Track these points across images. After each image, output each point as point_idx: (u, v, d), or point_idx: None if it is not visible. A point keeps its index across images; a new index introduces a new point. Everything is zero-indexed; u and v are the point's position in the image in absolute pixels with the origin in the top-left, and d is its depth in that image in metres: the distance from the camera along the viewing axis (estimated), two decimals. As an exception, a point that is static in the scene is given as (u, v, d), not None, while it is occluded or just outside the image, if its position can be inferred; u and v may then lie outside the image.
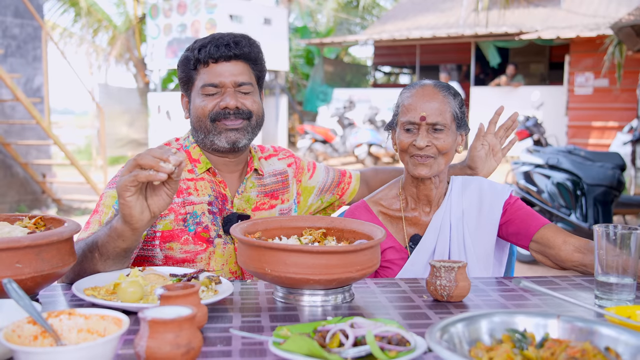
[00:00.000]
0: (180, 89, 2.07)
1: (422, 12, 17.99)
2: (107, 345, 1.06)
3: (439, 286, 1.53)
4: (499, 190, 2.04)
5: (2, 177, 9.79)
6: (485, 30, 14.48)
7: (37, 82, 10.22)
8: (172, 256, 1.91)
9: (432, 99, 1.93)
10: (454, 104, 1.96)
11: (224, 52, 1.93)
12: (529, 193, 6.86)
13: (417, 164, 1.94)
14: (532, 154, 7.19)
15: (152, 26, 15.75)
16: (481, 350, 1.07)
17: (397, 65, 20.81)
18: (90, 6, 16.96)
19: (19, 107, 9.67)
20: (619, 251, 1.52)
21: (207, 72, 1.94)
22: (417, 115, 1.92)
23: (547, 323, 1.09)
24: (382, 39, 16.28)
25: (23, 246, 1.31)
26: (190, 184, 1.97)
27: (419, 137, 1.91)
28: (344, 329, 1.18)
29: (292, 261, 1.42)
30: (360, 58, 24.75)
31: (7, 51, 9.76)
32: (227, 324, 1.36)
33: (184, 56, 2.01)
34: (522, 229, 1.96)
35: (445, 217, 2.00)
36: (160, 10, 15.56)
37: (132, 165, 1.45)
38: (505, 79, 14.75)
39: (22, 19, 9.96)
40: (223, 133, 1.95)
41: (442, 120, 1.91)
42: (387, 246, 2.01)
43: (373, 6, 22.48)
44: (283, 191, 2.16)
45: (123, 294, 1.39)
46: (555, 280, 1.77)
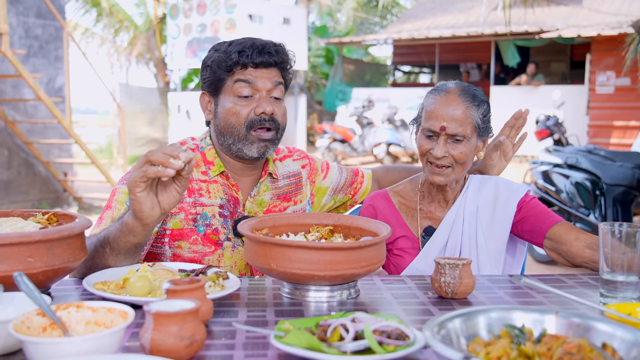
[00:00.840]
0: (202, 88, 2.04)
1: (441, 11, 17.93)
2: (112, 336, 1.09)
3: (443, 283, 1.54)
4: (515, 188, 2.07)
5: (25, 175, 9.93)
6: (506, 29, 14.40)
7: (59, 82, 10.35)
8: (181, 255, 1.93)
9: (455, 107, 1.92)
10: (477, 115, 1.95)
11: (266, 58, 1.94)
12: (547, 193, 6.82)
13: (433, 172, 1.98)
14: (551, 154, 7.15)
15: (172, 26, 15.87)
16: (479, 345, 1.09)
17: (416, 65, 20.75)
18: (111, 6, 17.13)
19: (41, 106, 9.80)
20: (624, 249, 1.52)
21: (244, 76, 1.94)
22: (437, 124, 1.93)
23: (545, 319, 1.10)
24: (402, 38, 16.25)
25: (35, 241, 1.35)
26: (203, 185, 1.98)
27: (437, 147, 1.93)
28: (344, 324, 1.20)
29: (297, 257, 1.45)
30: (380, 57, 24.71)
31: (29, 51, 9.90)
32: (233, 318, 1.38)
33: (216, 57, 1.97)
34: (536, 226, 1.98)
35: (459, 213, 2.03)
36: (180, 11, 15.67)
37: (142, 161, 1.48)
38: (526, 78, 14.65)
39: (44, 19, 10.10)
40: (255, 143, 1.95)
41: (462, 132, 1.92)
42: (400, 235, 2.06)
43: (393, 5, 22.44)
44: (296, 193, 2.17)
45: (132, 288, 1.42)
46: (562, 278, 1.77)
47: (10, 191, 9.73)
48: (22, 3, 9.80)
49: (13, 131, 9.57)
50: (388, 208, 2.10)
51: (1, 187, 9.63)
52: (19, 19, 9.78)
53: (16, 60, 8.50)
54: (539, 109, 12.94)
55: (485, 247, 1.99)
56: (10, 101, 9.48)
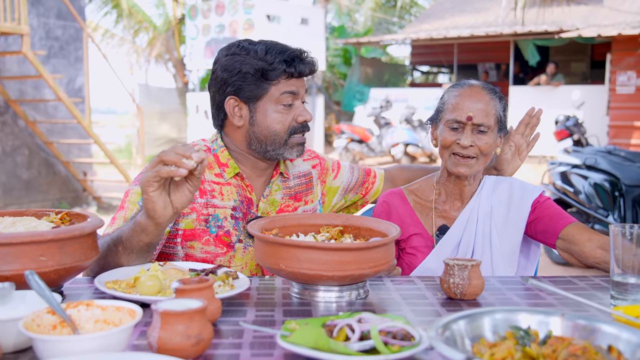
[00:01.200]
0: (229, 93, 1.96)
1: (460, 11, 17.86)
2: (120, 334, 1.10)
3: (452, 284, 1.55)
4: (529, 189, 2.07)
5: (45, 175, 10.05)
6: (525, 28, 14.32)
7: (79, 83, 10.46)
8: (193, 255, 1.95)
9: (479, 99, 1.98)
10: (499, 107, 2.01)
11: (310, 69, 1.98)
12: (565, 194, 6.77)
13: (457, 162, 2.00)
14: (570, 154, 7.09)
15: (191, 27, 15.97)
16: (484, 347, 1.09)
17: (434, 65, 20.69)
18: (131, 8, 17.27)
19: (61, 106, 9.91)
20: (635, 251, 1.51)
21: (288, 86, 1.95)
22: (463, 114, 1.97)
23: (550, 320, 1.10)
24: (419, 38, 16.21)
25: (47, 240, 1.37)
26: (216, 187, 1.99)
27: (464, 137, 1.97)
28: (350, 324, 1.20)
29: (305, 257, 1.45)
30: (398, 57, 24.66)
31: (50, 52, 10.02)
32: (241, 318, 1.40)
33: (254, 64, 1.92)
34: (549, 226, 1.98)
35: (473, 212, 2.04)
36: (199, 11, 15.76)
37: (155, 161, 1.50)
38: (545, 78, 14.54)
39: (64, 20, 10.21)
40: (295, 147, 2.00)
41: (487, 121, 1.97)
42: (413, 232, 2.07)
43: (411, 5, 22.38)
44: (307, 192, 2.18)
45: (142, 287, 1.44)
46: (573, 280, 1.76)
47: (30, 190, 9.84)
48: (43, 4, 9.92)
49: (34, 131, 9.68)
50: (403, 206, 2.11)
51: (22, 186, 9.75)
52: (40, 20, 9.90)
53: (37, 61, 8.60)
54: (558, 110, 12.85)
55: (499, 247, 1.99)
56: (31, 101, 9.60)
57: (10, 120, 9.51)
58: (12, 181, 9.60)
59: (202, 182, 1.97)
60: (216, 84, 2.00)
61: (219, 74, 1.98)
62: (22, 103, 9.52)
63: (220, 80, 1.98)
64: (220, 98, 1.99)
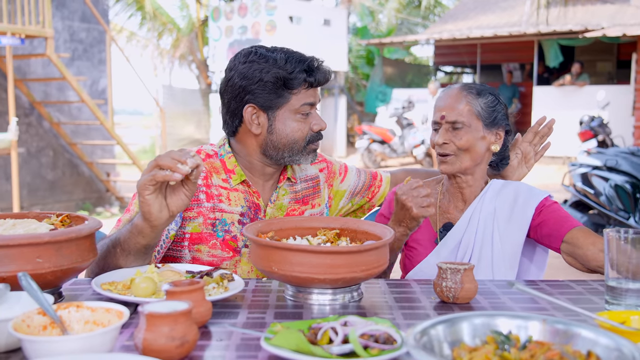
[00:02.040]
0: (249, 101, 1.95)
1: (484, 11, 17.75)
2: (104, 336, 1.13)
3: (444, 288, 1.55)
4: (535, 192, 2.07)
5: (69, 175, 10.20)
6: (549, 28, 14.18)
7: (102, 84, 10.60)
8: (200, 258, 1.96)
9: (451, 98, 2.04)
10: (477, 102, 2.02)
11: (327, 78, 2.01)
12: (586, 196, 6.69)
13: (440, 161, 2.05)
14: (590, 156, 7.02)
15: (214, 28, 16.09)
16: (464, 351, 1.09)
17: (458, 65, 20.57)
18: (155, 10, 17.44)
19: (85, 108, 10.06)
20: (629, 255, 1.50)
21: (307, 94, 1.96)
22: (438, 115, 2.04)
23: (529, 325, 1.10)
24: (442, 38, 16.13)
25: (43, 242, 1.40)
26: (223, 192, 2.00)
27: (438, 135, 2.03)
28: (334, 327, 1.21)
29: (297, 260, 1.47)
30: (422, 58, 24.56)
31: (74, 54, 10.16)
32: (233, 320, 1.41)
33: (273, 74, 1.91)
34: (554, 230, 1.97)
35: (475, 213, 2.04)
36: (222, 13, 15.87)
37: (152, 165, 1.53)
38: (570, 78, 14.38)
39: (88, 23, 10.35)
40: (311, 153, 2.02)
41: (461, 118, 1.99)
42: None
43: (435, 5, 22.29)
44: (314, 196, 2.18)
45: (136, 289, 1.47)
46: (570, 284, 1.75)
47: (55, 191, 10.00)
48: (67, 7, 10.07)
49: (58, 132, 9.84)
50: None
51: (47, 186, 9.91)
52: (65, 23, 10.05)
53: (60, 63, 8.73)
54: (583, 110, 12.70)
55: (500, 249, 1.99)
56: (56, 103, 9.75)
57: (35, 122, 9.67)
58: (37, 181, 9.76)
59: (209, 186, 1.99)
60: (233, 90, 1.97)
61: (236, 81, 1.95)
62: (47, 105, 9.68)
63: (237, 87, 1.95)
64: (237, 105, 1.97)
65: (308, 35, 15.74)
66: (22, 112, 9.39)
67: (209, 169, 2.01)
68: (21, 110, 9.37)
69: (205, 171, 2.00)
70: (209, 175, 2.00)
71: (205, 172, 2.00)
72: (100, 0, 10.49)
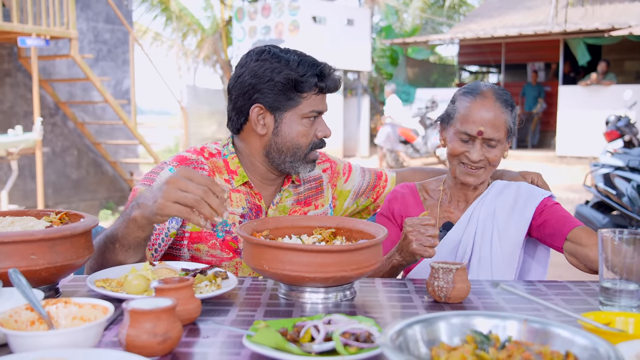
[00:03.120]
0: (257, 100, 1.92)
1: (509, 10, 17.60)
2: (88, 331, 1.15)
3: (436, 287, 1.55)
4: (536, 192, 2.06)
5: (93, 174, 10.34)
6: (575, 27, 14.01)
7: (126, 85, 10.72)
8: (199, 257, 1.96)
9: (490, 112, 1.94)
10: (510, 118, 1.98)
11: (336, 86, 1.99)
12: (608, 197, 6.60)
13: (466, 173, 2.01)
14: (613, 156, 6.92)
15: (238, 29, 16.17)
16: (443, 350, 1.09)
17: (482, 65, 20.42)
18: (180, 11, 17.60)
19: (108, 108, 10.18)
20: (624, 256, 1.49)
21: (316, 100, 1.94)
22: (474, 128, 1.94)
23: (507, 325, 1.10)
24: (466, 37, 16.02)
25: (37, 239, 1.43)
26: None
27: (474, 151, 1.96)
28: (317, 325, 1.22)
29: (288, 259, 1.48)
30: (447, 57, 24.43)
31: (98, 55, 10.30)
32: (223, 317, 1.43)
33: (285, 75, 1.89)
34: (556, 229, 1.97)
35: (474, 213, 2.04)
36: (245, 13, 15.95)
37: (189, 204, 1.49)
38: (596, 77, 14.18)
39: (112, 24, 10.48)
40: (310, 163, 1.99)
41: (498, 136, 1.95)
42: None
43: (460, 5, 22.16)
44: (317, 197, 2.18)
45: (128, 286, 1.49)
46: (568, 285, 1.74)
47: (79, 190, 10.14)
48: (92, 9, 10.20)
49: (82, 132, 9.98)
50: (412, 198, 2.15)
51: (71, 185, 10.05)
52: (89, 24, 10.18)
53: (84, 64, 8.86)
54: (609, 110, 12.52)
55: (499, 248, 1.99)
56: (80, 103, 9.89)
57: (60, 122, 9.82)
58: (61, 181, 9.91)
59: None
60: (241, 87, 1.94)
61: (246, 79, 1.92)
62: (72, 105, 9.82)
63: (247, 85, 1.93)
64: (244, 103, 1.95)
65: (331, 35, 15.76)
66: (47, 112, 9.54)
67: (211, 168, 2.01)
68: (46, 111, 9.52)
69: (208, 170, 2.00)
70: (212, 174, 2.00)
71: (208, 171, 2.00)
72: (124, 2, 10.61)
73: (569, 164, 14.45)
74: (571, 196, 10.54)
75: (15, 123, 8.88)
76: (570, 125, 14.50)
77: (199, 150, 2.05)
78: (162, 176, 1.94)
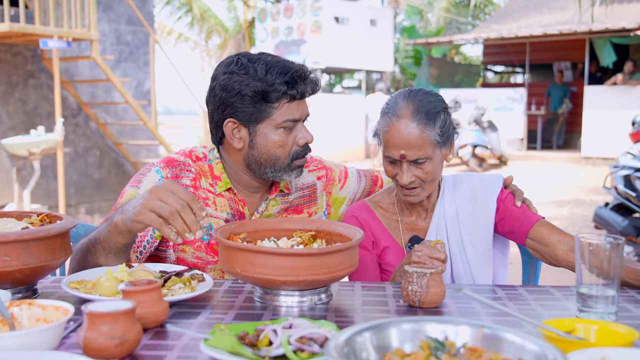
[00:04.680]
0: (229, 115, 1.89)
1: (534, 9, 17.39)
2: (46, 332, 1.16)
3: (410, 291, 1.53)
4: (490, 183, 2.03)
5: (115, 174, 10.45)
6: (601, 26, 13.80)
7: (148, 85, 10.83)
8: (184, 259, 1.96)
9: (410, 135, 1.84)
10: (434, 133, 1.86)
11: (312, 89, 1.92)
12: (628, 199, 6.49)
13: (405, 194, 1.94)
14: (635, 158, 6.80)
15: (261, 30, 16.23)
16: (397, 356, 1.08)
17: (507, 64, 20.22)
18: (203, 12, 17.73)
19: (130, 109, 10.29)
20: (601, 262, 1.46)
21: (290, 109, 1.88)
22: (397, 153, 1.86)
23: (459, 330, 1.08)
24: (490, 37, 15.88)
25: (10, 240, 1.44)
26: (210, 195, 1.99)
27: (402, 175, 1.88)
28: (276, 329, 1.22)
29: (259, 262, 1.48)
30: (472, 57, 24.24)
31: (120, 56, 10.41)
32: (192, 320, 1.43)
33: (254, 86, 1.84)
34: (515, 227, 1.96)
35: (440, 219, 2.01)
36: (268, 14, 16.00)
37: (164, 216, 1.52)
38: (622, 77, 13.95)
39: (134, 26, 10.59)
40: (295, 170, 1.95)
41: (423, 154, 1.85)
42: (385, 245, 2.02)
43: (486, 4, 21.97)
44: (309, 204, 2.15)
45: (100, 288, 1.50)
46: (551, 290, 1.71)
47: (101, 189, 10.27)
48: (114, 11, 10.32)
49: (104, 133, 10.10)
50: (371, 220, 2.05)
51: (93, 185, 10.18)
52: (111, 26, 10.30)
53: (105, 65, 8.96)
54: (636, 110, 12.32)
55: (472, 249, 1.97)
56: (102, 104, 10.01)
57: (82, 122, 9.95)
58: (83, 180, 10.04)
59: (197, 188, 1.97)
60: (214, 102, 1.93)
61: (218, 93, 1.90)
62: (94, 106, 9.94)
63: (218, 99, 1.90)
64: (219, 117, 1.93)
65: (353, 35, 15.74)
66: (69, 113, 9.67)
67: (197, 171, 2.00)
68: (69, 111, 9.66)
69: (195, 173, 2.00)
70: (198, 177, 1.99)
71: (194, 173, 2.00)
72: (145, 4, 10.72)
73: (595, 165, 14.24)
74: (594, 198, 10.39)
75: (39, 123, 9.03)
76: (596, 125, 14.29)
77: (187, 152, 2.05)
78: (149, 178, 1.95)
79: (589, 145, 14.58)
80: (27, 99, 9.19)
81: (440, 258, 1.67)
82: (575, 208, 9.65)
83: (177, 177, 1.96)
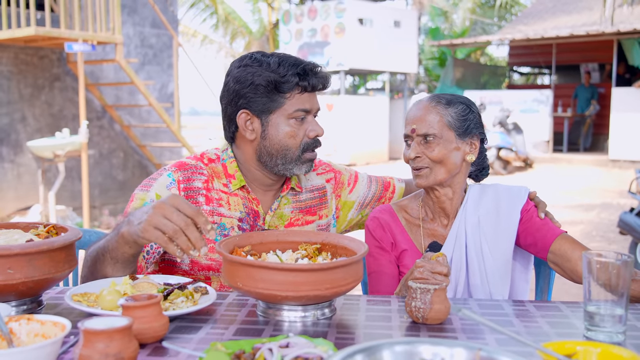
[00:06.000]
0: (242, 106, 1.95)
1: (561, 10, 17.19)
2: (42, 350, 1.15)
3: (414, 308, 1.51)
4: (516, 194, 2.01)
5: (139, 176, 10.53)
6: (629, 26, 13.59)
7: (171, 88, 10.90)
8: (198, 261, 1.97)
9: (421, 111, 1.97)
10: (447, 112, 1.95)
11: (323, 83, 1.98)
12: (654, 204, 6.36)
13: (414, 176, 2.00)
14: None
15: (285, 31, 16.26)
16: (391, 379, 1.06)
17: (533, 66, 19.99)
18: (228, 14, 17.81)
19: (153, 111, 10.37)
20: (609, 280, 1.42)
21: (301, 99, 1.94)
22: (409, 128, 1.98)
23: (453, 353, 1.06)
24: (515, 38, 15.72)
25: (14, 254, 1.45)
26: (224, 196, 2.01)
27: (410, 149, 1.97)
28: (271, 347, 1.20)
29: (261, 277, 1.46)
30: (498, 58, 24.02)
31: (144, 59, 10.50)
32: (192, 335, 1.42)
33: (267, 76, 1.90)
34: (538, 239, 1.94)
35: (460, 227, 1.99)
36: (292, 16, 16.02)
37: (169, 234, 1.54)
38: (650, 79, 13.73)
39: (158, 29, 10.67)
40: (305, 163, 1.99)
41: (432, 130, 1.93)
42: (404, 248, 2.03)
43: (512, 5, 21.75)
44: (321, 207, 2.17)
45: (102, 301, 1.50)
46: (560, 306, 1.67)
47: (125, 191, 10.36)
48: (139, 14, 10.41)
49: (128, 135, 10.18)
50: (393, 222, 2.07)
51: (117, 186, 10.27)
52: (136, 29, 10.39)
53: (129, 68, 9.03)
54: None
55: (491, 258, 1.94)
56: (126, 107, 10.09)
57: (107, 125, 10.05)
58: (108, 182, 10.13)
59: (210, 189, 2.00)
60: (228, 95, 1.98)
61: (231, 86, 1.97)
62: (118, 108, 10.03)
63: (232, 92, 1.96)
64: (232, 110, 1.98)
65: (378, 37, 15.69)
66: (94, 116, 9.77)
67: (210, 174, 2.03)
68: (94, 114, 9.76)
69: (207, 175, 2.02)
70: (211, 179, 2.02)
71: (206, 176, 2.02)
72: (168, 7, 10.80)
73: (622, 167, 14.03)
74: (622, 202, 10.22)
75: (64, 126, 9.13)
76: (623, 128, 14.08)
77: (199, 156, 2.09)
78: (160, 181, 1.97)
79: (616, 147, 14.37)
80: (53, 101, 9.30)
81: (442, 272, 1.65)
82: (602, 212, 9.51)
83: (188, 179, 1.99)
